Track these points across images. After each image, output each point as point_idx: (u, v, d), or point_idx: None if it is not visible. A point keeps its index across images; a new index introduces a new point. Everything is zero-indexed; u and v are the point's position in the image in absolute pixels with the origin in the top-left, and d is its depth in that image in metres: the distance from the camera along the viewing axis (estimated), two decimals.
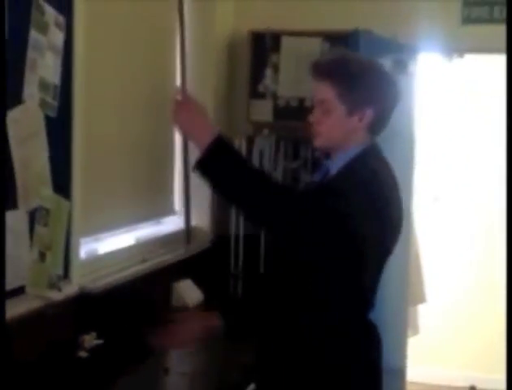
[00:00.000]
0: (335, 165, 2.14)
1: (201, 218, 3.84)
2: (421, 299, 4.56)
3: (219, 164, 2.04)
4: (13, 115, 2.17)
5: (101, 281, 2.81)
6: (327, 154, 2.21)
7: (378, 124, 2.16)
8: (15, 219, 2.21)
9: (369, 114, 2.11)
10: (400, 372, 4.09)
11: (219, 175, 2.05)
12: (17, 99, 2.21)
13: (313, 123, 2.15)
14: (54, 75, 2.38)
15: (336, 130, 2.13)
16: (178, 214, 3.87)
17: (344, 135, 2.13)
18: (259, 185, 2.03)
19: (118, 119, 3.13)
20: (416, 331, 4.53)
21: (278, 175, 3.75)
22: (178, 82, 3.32)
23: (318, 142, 2.16)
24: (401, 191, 2.24)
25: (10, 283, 2.19)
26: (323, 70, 2.12)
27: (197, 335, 2.11)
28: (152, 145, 3.49)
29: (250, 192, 2.03)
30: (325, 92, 2.11)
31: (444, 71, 4.90)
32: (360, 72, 2.11)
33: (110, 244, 3.13)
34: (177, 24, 3.55)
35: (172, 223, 3.74)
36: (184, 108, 2.12)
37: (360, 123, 2.12)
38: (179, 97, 2.15)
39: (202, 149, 2.03)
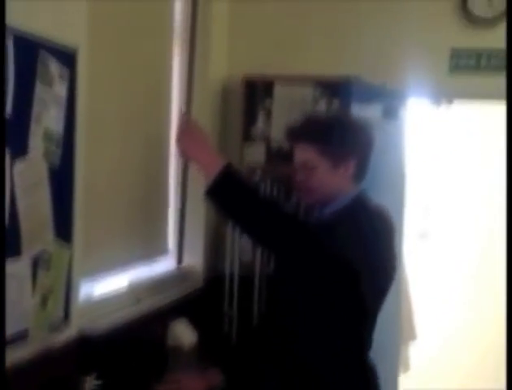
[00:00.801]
0: (325, 217, 2.23)
1: (195, 258, 3.91)
2: (412, 336, 4.61)
3: (231, 190, 2.08)
4: (18, 167, 2.25)
5: (98, 323, 2.87)
6: (318, 207, 2.29)
7: (362, 171, 2.26)
8: (19, 266, 2.28)
9: (353, 163, 2.21)
10: None
11: (231, 201, 2.09)
12: (22, 151, 2.29)
13: (300, 182, 2.24)
14: (57, 126, 2.46)
15: (324, 184, 2.22)
16: (172, 254, 3.94)
17: (333, 187, 2.22)
18: (273, 211, 2.08)
19: (114, 164, 3.21)
20: (407, 368, 4.59)
21: None
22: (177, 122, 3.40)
23: (309, 199, 2.26)
24: (395, 234, 2.32)
25: (14, 327, 2.26)
26: (299, 133, 2.23)
27: None
28: (147, 186, 3.58)
29: (264, 217, 2.07)
30: (306, 153, 2.21)
31: (433, 116, 5.02)
32: (335, 125, 2.23)
33: (106, 285, 3.19)
34: (174, 65, 3.70)
35: (166, 263, 3.81)
36: (188, 134, 2.17)
37: (346, 174, 2.22)
38: (183, 124, 2.20)
39: (211, 175, 2.07)
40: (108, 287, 3.22)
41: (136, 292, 3.36)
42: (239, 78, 4.10)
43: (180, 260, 2.57)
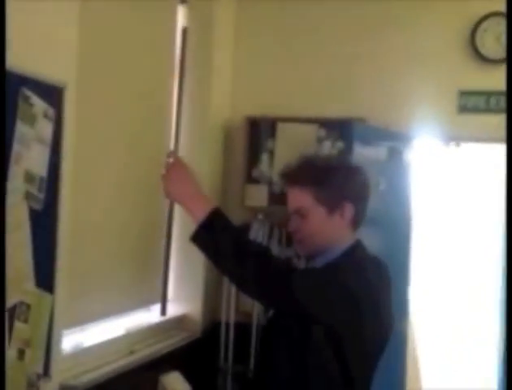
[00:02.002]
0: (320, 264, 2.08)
1: (194, 307, 3.77)
2: (417, 386, 4.44)
3: (215, 238, 1.95)
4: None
5: (84, 377, 2.71)
6: (312, 256, 2.15)
7: (358, 217, 2.13)
8: None
9: (349, 208, 2.08)
10: None
11: (214, 248, 1.95)
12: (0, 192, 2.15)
13: (293, 232, 2.10)
14: (40, 167, 2.33)
15: (318, 233, 2.08)
16: (170, 301, 3.78)
17: (328, 236, 2.08)
18: (261, 259, 1.95)
19: (106, 207, 3.08)
20: None
21: None
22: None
23: (303, 250, 2.12)
24: (391, 287, 2.17)
25: None
26: (293, 178, 2.10)
27: None
28: (140, 231, 3.43)
29: (252, 265, 1.94)
30: (300, 199, 2.09)
31: (440, 159, 4.90)
32: (330, 170, 2.10)
33: (96, 335, 3.03)
34: (171, 102, 3.57)
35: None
36: (175, 173, 2.03)
37: (342, 220, 2.08)
38: (170, 161, 2.05)
39: (197, 219, 1.94)
40: (99, 337, 3.05)
41: (128, 342, 3.19)
42: (242, 118, 3.99)
43: (163, 311, 2.39)
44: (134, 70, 3.23)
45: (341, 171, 2.13)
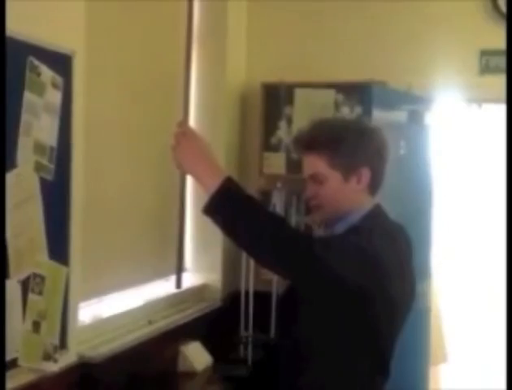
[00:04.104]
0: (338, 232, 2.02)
1: (213, 276, 3.74)
2: (442, 359, 4.38)
3: (229, 208, 1.85)
4: (6, 180, 2.08)
5: (103, 347, 2.69)
6: (330, 223, 2.09)
7: (376, 182, 2.06)
8: (7, 289, 2.10)
9: (365, 173, 2.01)
10: None
11: (228, 219, 1.86)
12: (10, 164, 2.12)
13: (309, 199, 2.04)
14: (50, 137, 2.30)
15: (335, 198, 2.02)
16: (189, 271, 3.76)
17: (346, 201, 2.02)
18: (278, 229, 1.86)
19: (119, 177, 3.04)
20: None
21: None
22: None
23: (319, 216, 2.06)
24: (413, 253, 2.11)
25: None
26: (308, 143, 2.02)
27: None
28: (160, 201, 3.40)
29: (268, 236, 1.84)
30: (315, 164, 2.01)
31: (461, 121, 4.80)
32: (345, 134, 2.02)
33: (115, 306, 3.02)
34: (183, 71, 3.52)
35: (182, 281, 3.62)
36: (185, 143, 1.94)
37: (359, 185, 2.01)
38: (180, 131, 1.96)
39: (210, 190, 1.86)
40: (117, 308, 3.03)
41: (147, 312, 3.17)
42: (258, 84, 3.91)
43: (178, 284, 2.31)
44: (145, 37, 3.18)
45: (357, 133, 2.05)
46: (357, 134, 2.05)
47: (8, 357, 2.13)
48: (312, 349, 1.99)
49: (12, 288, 2.14)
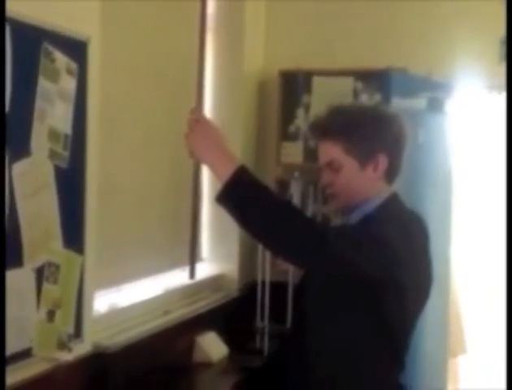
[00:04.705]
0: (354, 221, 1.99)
1: (230, 266, 3.71)
2: (461, 350, 4.33)
3: (241, 197, 1.82)
4: (19, 168, 2.06)
5: (118, 337, 2.67)
6: (345, 212, 2.05)
7: (393, 170, 2.02)
8: (20, 278, 2.09)
9: (382, 160, 1.97)
10: None
11: (241, 209, 1.83)
12: (24, 151, 2.10)
13: (325, 187, 2.01)
14: (64, 124, 2.27)
15: (351, 187, 1.98)
16: (205, 261, 3.74)
17: (362, 190, 1.98)
18: (292, 219, 1.82)
19: (138, 164, 3.02)
20: (456, 384, 4.30)
21: None
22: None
23: (336, 205, 2.03)
24: (430, 242, 2.07)
25: (16, 345, 2.08)
26: (323, 129, 1.99)
27: None
28: (176, 189, 3.37)
29: (281, 225, 1.81)
30: (331, 151, 1.98)
31: (481, 108, 4.71)
32: (362, 120, 1.98)
33: (131, 296, 2.99)
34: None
35: (199, 271, 3.59)
36: (199, 130, 1.90)
37: (375, 173, 1.98)
38: (193, 118, 1.93)
39: (223, 179, 1.82)
40: (134, 298, 3.01)
41: (163, 302, 3.15)
42: (276, 72, 3.87)
43: (192, 274, 2.28)
44: (160, 24, 3.14)
45: (374, 119, 2.01)
46: (374, 120, 2.01)
47: (22, 346, 2.12)
48: (323, 338, 1.96)
49: (26, 276, 2.11)
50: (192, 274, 2.25)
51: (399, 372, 2.02)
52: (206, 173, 3.53)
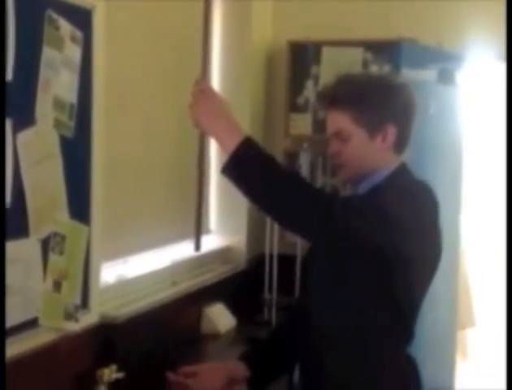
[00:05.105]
0: (362, 191, 1.97)
1: (238, 238, 3.70)
2: (470, 323, 4.31)
3: (247, 169, 1.80)
4: (24, 137, 2.04)
5: (126, 308, 2.66)
6: (353, 183, 2.02)
7: (402, 140, 1.99)
8: (26, 248, 2.07)
9: (391, 130, 1.95)
10: None
11: (247, 180, 1.81)
12: (29, 120, 2.07)
13: (333, 156, 1.98)
14: (70, 94, 2.24)
15: (360, 157, 1.96)
16: (213, 233, 3.73)
17: (370, 160, 1.96)
18: (299, 190, 1.81)
19: (145, 135, 3.00)
20: (465, 356, 4.30)
21: None
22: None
23: (344, 175, 2.00)
24: (440, 213, 2.04)
25: (22, 315, 2.07)
26: (332, 98, 1.96)
27: (219, 388, 1.99)
28: (184, 160, 3.35)
29: (289, 197, 1.79)
30: (339, 121, 1.95)
31: (493, 79, 4.65)
32: (371, 89, 1.95)
33: (139, 267, 2.98)
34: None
35: (206, 243, 3.58)
36: (204, 101, 1.86)
37: (384, 144, 1.95)
38: (198, 89, 1.90)
39: (228, 150, 1.80)
40: (141, 269, 3.00)
41: (171, 274, 3.14)
42: (284, 42, 3.83)
43: (197, 247, 2.24)
44: None
45: (383, 88, 1.98)
46: (383, 89, 1.98)
47: (28, 316, 2.11)
48: (331, 310, 1.95)
49: (32, 247, 2.10)
50: (197, 246, 2.22)
51: (408, 344, 2.00)
52: (212, 144, 3.53)
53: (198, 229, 2.15)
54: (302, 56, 3.84)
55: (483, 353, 4.78)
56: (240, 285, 3.50)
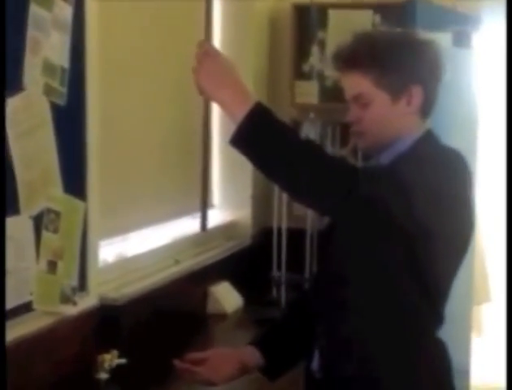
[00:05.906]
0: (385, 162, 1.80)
1: (243, 213, 3.57)
2: (485, 298, 4.20)
3: (259, 138, 1.62)
4: (11, 105, 1.88)
5: (126, 289, 2.52)
6: (376, 151, 1.86)
7: (428, 103, 1.83)
8: (17, 226, 1.92)
9: (416, 92, 1.78)
10: (464, 373, 3.79)
11: (261, 150, 1.62)
12: (16, 86, 1.90)
13: (353, 123, 1.81)
14: (61, 57, 2.08)
15: (382, 123, 1.79)
16: (217, 208, 3.58)
17: (393, 126, 1.79)
18: (317, 159, 1.64)
19: (144, 105, 2.85)
20: (480, 332, 4.19)
21: None
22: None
23: (365, 143, 1.83)
24: (473, 184, 1.87)
25: (15, 299, 1.93)
26: (350, 59, 1.78)
27: (229, 376, 1.85)
28: (185, 133, 3.19)
29: (306, 167, 1.63)
30: (359, 84, 1.78)
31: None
32: (394, 48, 1.79)
33: (139, 245, 2.84)
34: None
35: (210, 218, 3.43)
36: (208, 64, 1.66)
37: (409, 107, 1.79)
38: (202, 51, 1.72)
39: (236, 118, 1.63)
40: (140, 247, 2.85)
41: (173, 251, 3.00)
42: (288, 5, 3.69)
43: (203, 227, 2.08)
44: None
45: (407, 47, 1.82)
46: (407, 48, 1.81)
47: (21, 300, 1.98)
48: (359, 291, 1.80)
49: (23, 224, 1.95)
50: (203, 226, 2.07)
51: (437, 328, 1.86)
52: (216, 113, 3.37)
53: (204, 207, 1.98)
54: (307, 20, 3.71)
55: (498, 329, 4.68)
56: (246, 262, 3.37)
